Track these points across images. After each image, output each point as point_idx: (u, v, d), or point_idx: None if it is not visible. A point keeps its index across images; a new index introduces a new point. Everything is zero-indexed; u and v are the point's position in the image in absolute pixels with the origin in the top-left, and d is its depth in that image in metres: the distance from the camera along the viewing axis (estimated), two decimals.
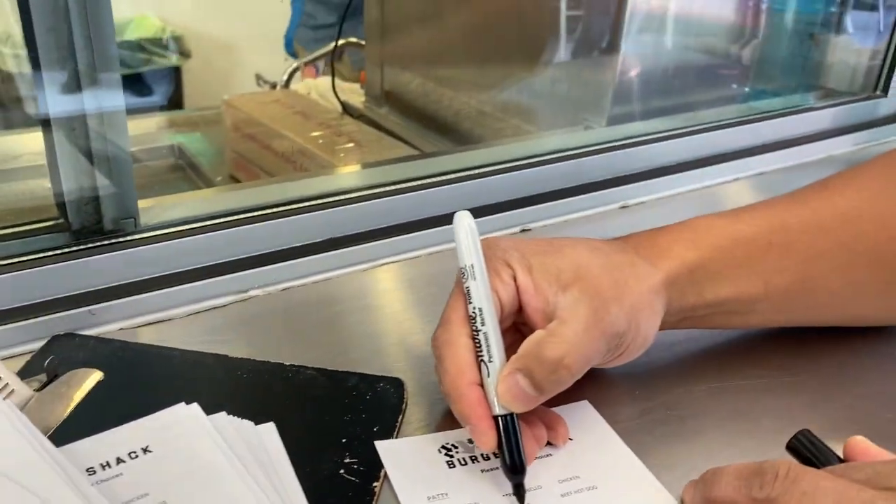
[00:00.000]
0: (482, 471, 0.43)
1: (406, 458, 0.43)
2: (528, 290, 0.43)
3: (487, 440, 0.40)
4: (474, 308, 0.42)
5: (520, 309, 0.44)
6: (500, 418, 0.40)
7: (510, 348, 0.42)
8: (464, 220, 0.43)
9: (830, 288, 0.50)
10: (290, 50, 2.18)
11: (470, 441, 0.44)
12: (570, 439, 0.45)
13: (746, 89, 1.04)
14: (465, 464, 0.43)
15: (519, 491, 0.40)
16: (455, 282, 0.44)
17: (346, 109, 1.34)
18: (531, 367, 0.40)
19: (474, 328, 0.42)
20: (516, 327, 0.46)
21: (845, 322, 0.54)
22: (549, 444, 0.44)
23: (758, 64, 1.05)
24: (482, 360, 0.41)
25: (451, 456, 0.43)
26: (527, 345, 0.41)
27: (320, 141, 1.13)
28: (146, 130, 1.37)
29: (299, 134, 1.15)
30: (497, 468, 0.43)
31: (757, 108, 0.96)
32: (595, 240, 0.47)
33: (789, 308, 0.51)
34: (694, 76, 1.03)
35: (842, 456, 0.41)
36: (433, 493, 0.41)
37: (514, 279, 0.43)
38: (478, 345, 0.41)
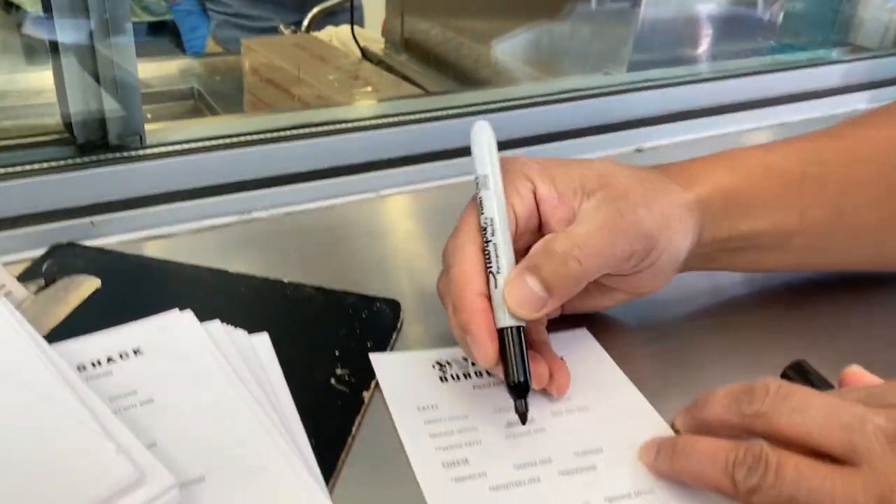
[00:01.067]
0: (474, 387, 0.42)
1: (399, 370, 0.43)
2: (551, 200, 0.41)
3: (486, 352, 0.37)
4: (486, 218, 0.40)
5: (538, 227, 0.42)
6: (506, 331, 0.38)
7: None
8: (483, 130, 0.42)
9: (866, 223, 0.48)
10: None
11: (465, 359, 0.44)
12: (562, 359, 0.44)
13: (772, 43, 1.02)
14: (458, 379, 0.43)
15: (521, 409, 0.38)
16: (472, 196, 0.42)
17: (366, 56, 1.32)
18: (539, 264, 0.38)
19: (485, 239, 0.39)
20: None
21: (880, 264, 0.52)
22: (545, 391, 0.41)
23: (785, 17, 1.02)
24: (490, 272, 0.39)
25: (444, 371, 0.43)
26: (536, 246, 0.39)
27: (337, 85, 1.13)
28: (167, 73, 1.37)
29: (317, 78, 1.14)
30: (489, 385, 0.42)
31: (781, 62, 0.93)
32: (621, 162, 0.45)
33: (825, 245, 0.49)
34: (718, 28, 1.00)
35: (837, 386, 0.40)
36: (423, 405, 0.41)
37: (534, 193, 0.41)
38: (487, 257, 0.39)
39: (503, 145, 0.68)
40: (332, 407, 0.40)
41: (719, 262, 0.47)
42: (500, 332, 0.38)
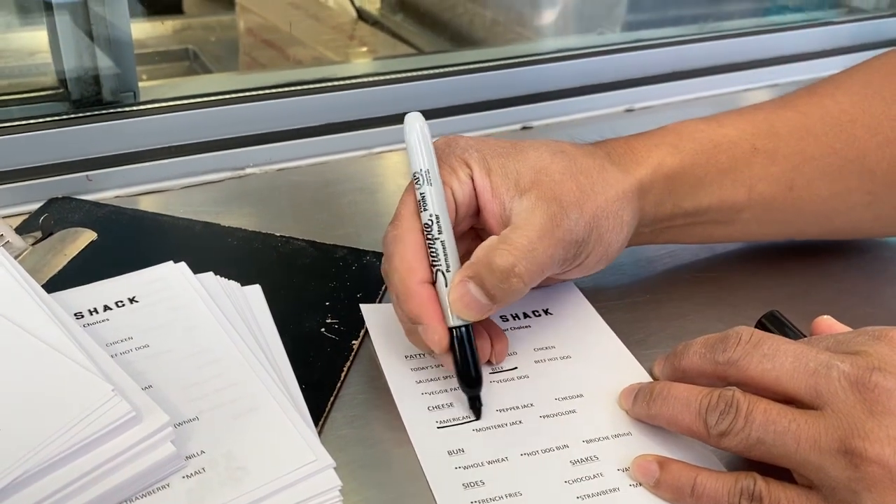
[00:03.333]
0: None
1: (388, 320, 0.44)
2: (486, 192, 0.40)
3: (440, 340, 0.37)
4: (430, 216, 0.39)
5: (477, 212, 0.42)
6: (454, 330, 0.38)
7: (467, 255, 0.40)
8: (416, 122, 0.40)
9: (817, 196, 0.47)
10: None
11: None
12: (550, 313, 0.46)
13: (767, 4, 1.02)
14: None
15: (475, 404, 0.39)
16: (407, 185, 0.41)
17: (362, 16, 1.32)
18: (482, 275, 0.37)
19: (430, 236, 0.39)
20: (475, 233, 0.43)
21: (830, 234, 0.52)
22: (487, 362, 0.42)
23: None
24: (439, 270, 0.38)
25: None
26: (478, 252, 0.38)
27: (333, 45, 1.12)
28: (161, 33, 1.36)
29: (313, 38, 1.14)
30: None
31: (775, 22, 0.93)
32: (564, 142, 0.43)
33: (774, 218, 0.48)
34: None
35: (809, 336, 0.41)
36: (410, 353, 0.42)
37: (472, 179, 0.41)
38: (434, 254, 0.38)
39: (492, 104, 0.70)
40: (322, 354, 0.42)
41: (667, 237, 0.47)
42: (451, 331, 0.38)
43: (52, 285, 0.43)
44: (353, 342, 0.43)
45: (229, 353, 0.39)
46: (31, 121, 0.54)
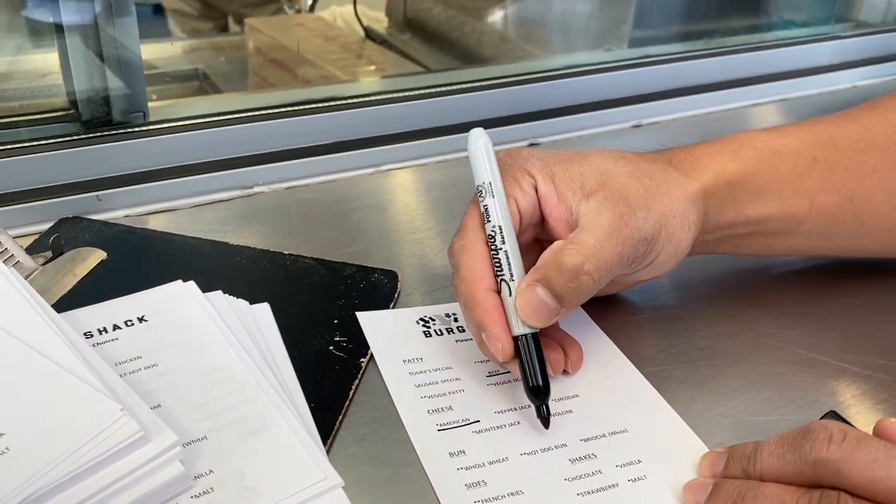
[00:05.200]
0: (457, 341, 0.45)
1: (385, 326, 0.45)
2: (551, 199, 0.41)
3: (503, 347, 0.37)
4: (493, 227, 0.39)
5: (541, 221, 0.42)
6: (520, 338, 0.38)
7: (531, 266, 0.40)
8: (479, 137, 0.41)
9: (879, 210, 0.47)
10: None
11: (447, 315, 0.46)
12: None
13: (773, 19, 1.02)
14: (441, 334, 0.45)
15: (542, 413, 0.38)
16: (472, 198, 0.42)
17: (370, 35, 1.33)
18: (550, 277, 0.37)
19: (493, 247, 0.39)
20: (539, 244, 0.43)
21: (890, 252, 0.50)
22: (564, 371, 0.42)
23: None
24: (503, 279, 0.39)
25: (428, 327, 0.45)
26: (545, 255, 0.39)
27: (341, 64, 1.13)
28: (170, 53, 1.37)
29: (321, 57, 1.15)
30: (471, 339, 0.44)
31: (782, 37, 0.93)
32: (625, 151, 0.44)
33: (836, 231, 0.47)
34: (719, 4, 1.00)
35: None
36: (409, 357, 0.43)
37: (535, 189, 0.41)
38: (497, 264, 0.39)
39: (501, 121, 0.70)
40: (331, 372, 0.41)
41: (727, 247, 0.47)
42: (515, 340, 0.38)
43: (62, 305, 0.43)
44: (361, 360, 0.42)
45: (238, 372, 0.39)
46: (42, 141, 0.54)
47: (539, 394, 0.38)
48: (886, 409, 0.42)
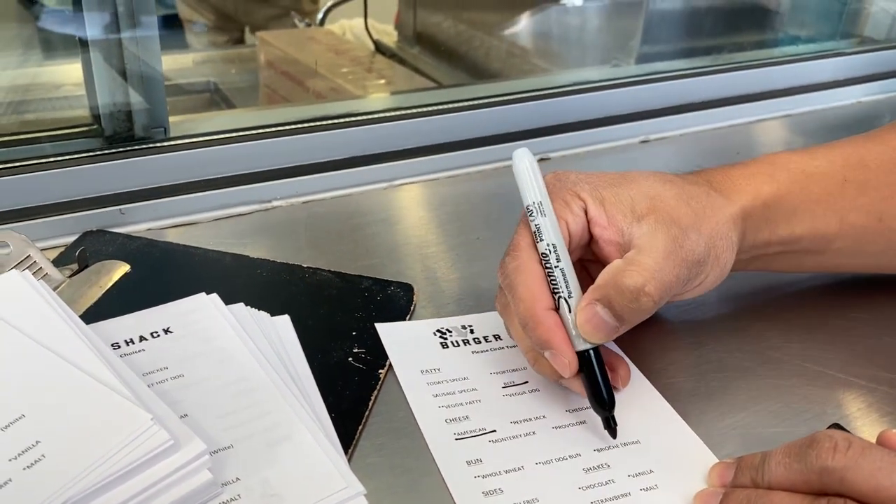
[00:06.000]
0: (473, 352, 0.46)
1: (403, 338, 0.46)
2: (601, 222, 0.42)
3: (570, 363, 0.39)
4: (547, 245, 0.40)
5: (588, 243, 0.43)
6: (584, 353, 0.39)
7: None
8: (524, 157, 0.42)
9: None
10: None
11: (464, 327, 0.47)
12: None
13: (779, 35, 1.03)
14: (458, 346, 0.46)
15: (610, 424, 0.40)
16: (521, 217, 0.43)
17: (379, 49, 1.35)
18: (610, 297, 0.38)
19: (548, 265, 0.40)
20: (581, 264, 0.44)
21: None
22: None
23: (792, 9, 1.04)
24: (560, 297, 0.40)
25: (445, 338, 0.47)
26: (605, 274, 0.39)
27: (351, 78, 1.15)
28: (182, 66, 1.39)
29: (331, 71, 1.17)
30: (487, 351, 0.45)
31: (788, 53, 0.95)
32: (667, 173, 0.45)
33: (865, 250, 0.49)
34: (726, 20, 1.02)
35: None
36: (426, 368, 0.44)
37: (585, 211, 0.42)
38: (554, 281, 0.40)
39: (511, 136, 0.71)
40: (350, 383, 0.43)
41: (758, 265, 0.48)
42: (579, 355, 0.39)
43: (89, 316, 0.45)
44: (380, 371, 0.44)
45: (262, 383, 0.40)
46: (67, 156, 0.55)
47: (605, 405, 0.39)
48: (891, 421, 0.43)
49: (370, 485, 0.36)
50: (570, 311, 0.39)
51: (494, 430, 0.40)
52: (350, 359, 0.44)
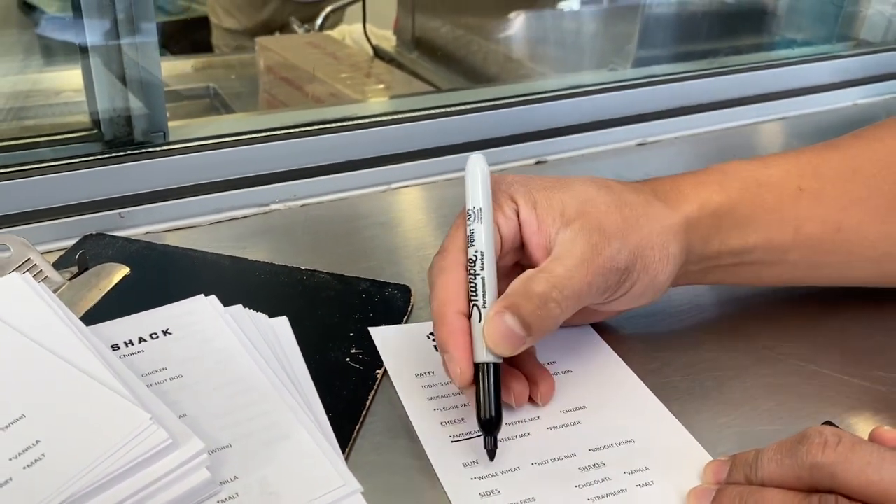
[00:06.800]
0: None
1: (397, 341, 0.46)
2: (531, 225, 0.41)
3: (462, 372, 0.37)
4: (476, 251, 0.40)
5: (522, 246, 0.42)
6: (481, 366, 0.38)
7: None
8: (478, 163, 0.42)
9: (866, 239, 0.47)
10: None
11: None
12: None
13: (775, 38, 1.04)
14: None
15: (488, 444, 0.38)
16: (458, 215, 0.42)
17: (378, 54, 1.35)
18: (518, 304, 0.37)
19: (472, 271, 0.39)
20: (520, 266, 0.43)
21: (881, 280, 0.50)
22: (530, 400, 0.42)
23: (789, 12, 1.05)
24: (475, 305, 0.39)
25: None
26: (515, 283, 0.39)
27: (350, 83, 1.16)
28: (182, 72, 1.40)
29: (331, 76, 1.17)
30: None
31: (784, 56, 0.95)
32: (609, 179, 0.44)
33: (823, 261, 0.47)
34: (722, 24, 1.02)
35: None
36: (421, 371, 0.44)
37: (517, 214, 0.42)
38: (473, 289, 0.39)
39: (507, 140, 0.71)
40: (348, 383, 0.43)
41: (715, 277, 0.47)
42: (476, 367, 0.38)
43: (89, 318, 0.45)
44: (377, 371, 0.44)
45: (260, 383, 0.41)
46: (67, 161, 0.56)
47: (488, 426, 0.38)
48: (885, 419, 0.43)
49: (367, 483, 0.37)
50: (479, 321, 0.38)
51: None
52: (347, 359, 0.45)
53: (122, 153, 0.58)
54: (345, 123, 0.66)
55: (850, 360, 0.47)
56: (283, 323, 0.47)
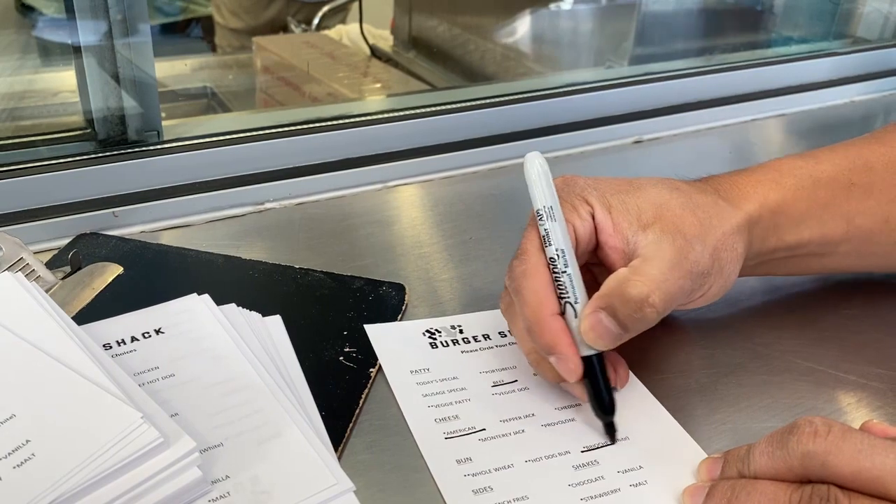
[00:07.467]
0: (462, 352, 0.46)
1: (393, 338, 0.46)
2: (607, 228, 0.42)
3: (575, 369, 0.39)
4: (556, 250, 0.40)
5: (594, 248, 0.43)
6: (587, 359, 0.39)
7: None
8: (535, 160, 0.41)
9: None
10: None
11: (453, 327, 0.47)
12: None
13: (772, 36, 1.04)
14: (447, 346, 0.46)
15: (610, 430, 0.40)
16: (529, 219, 0.42)
17: (375, 53, 1.35)
18: (615, 306, 0.38)
19: (556, 270, 0.40)
20: (587, 267, 0.44)
21: None
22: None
23: (785, 10, 1.04)
24: (567, 302, 0.40)
25: (434, 338, 0.47)
26: (610, 282, 0.39)
27: (347, 82, 1.15)
28: (179, 72, 1.39)
29: (328, 75, 1.17)
30: (476, 350, 0.46)
31: (781, 53, 0.95)
32: (675, 180, 0.45)
33: (872, 251, 0.49)
34: (719, 22, 1.02)
35: None
36: (416, 368, 0.44)
37: (593, 216, 0.42)
38: (561, 287, 0.40)
39: (504, 137, 0.71)
40: (341, 382, 0.43)
41: (765, 270, 0.48)
42: (583, 360, 0.39)
43: (82, 317, 0.45)
44: (371, 370, 0.44)
45: (252, 382, 0.41)
46: (61, 160, 0.56)
47: (607, 410, 0.40)
48: (881, 416, 0.43)
49: (360, 481, 0.36)
50: (575, 317, 0.39)
51: (484, 429, 0.41)
52: (341, 358, 0.45)
53: (115, 152, 0.57)
54: (340, 122, 0.65)
55: (847, 356, 0.47)
56: (276, 322, 0.46)
